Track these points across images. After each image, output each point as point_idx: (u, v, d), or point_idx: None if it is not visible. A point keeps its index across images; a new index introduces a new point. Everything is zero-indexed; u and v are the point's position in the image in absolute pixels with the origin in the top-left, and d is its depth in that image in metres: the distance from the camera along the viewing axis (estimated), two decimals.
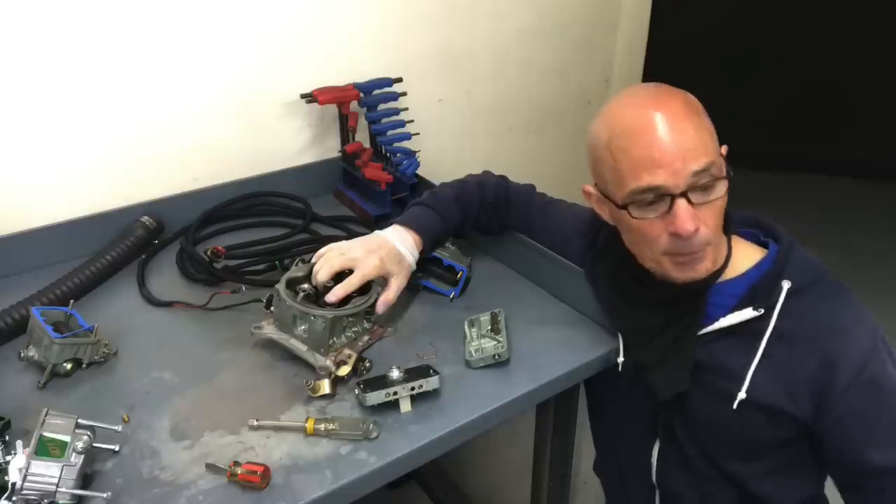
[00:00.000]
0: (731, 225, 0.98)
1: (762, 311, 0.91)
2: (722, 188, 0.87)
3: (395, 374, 0.90)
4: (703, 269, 0.91)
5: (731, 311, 0.93)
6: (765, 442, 0.97)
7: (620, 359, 1.03)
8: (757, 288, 0.93)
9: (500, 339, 1.00)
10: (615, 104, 0.91)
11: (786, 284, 0.91)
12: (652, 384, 0.99)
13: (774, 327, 0.91)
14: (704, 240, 0.87)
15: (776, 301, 0.91)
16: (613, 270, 1.04)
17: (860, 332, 0.89)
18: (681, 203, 0.84)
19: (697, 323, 0.96)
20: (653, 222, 0.87)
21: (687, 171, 0.83)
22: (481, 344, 1.00)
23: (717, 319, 0.95)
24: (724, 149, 0.91)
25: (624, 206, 0.89)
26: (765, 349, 0.92)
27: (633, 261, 0.97)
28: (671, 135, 0.83)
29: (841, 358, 0.88)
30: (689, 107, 0.87)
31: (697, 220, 0.84)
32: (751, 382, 0.93)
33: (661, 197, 0.85)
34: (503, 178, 1.26)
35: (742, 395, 0.93)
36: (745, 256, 0.97)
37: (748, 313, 0.92)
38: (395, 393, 0.88)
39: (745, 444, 0.99)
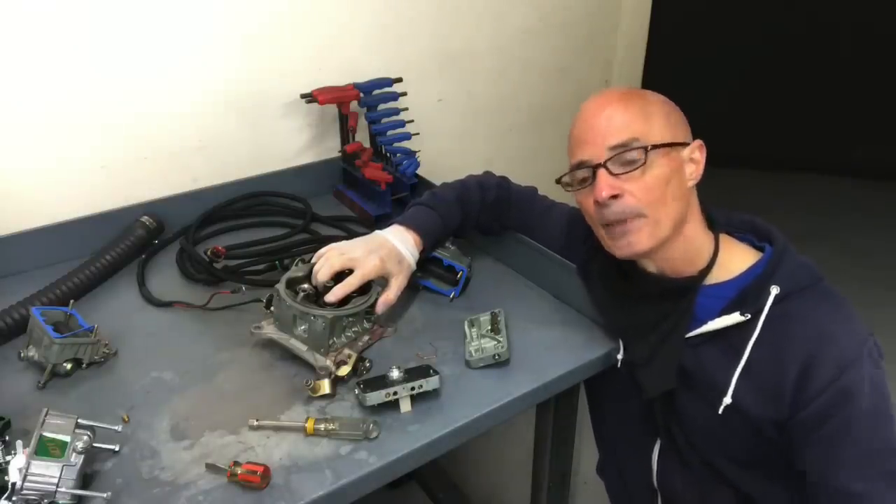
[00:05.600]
0: (720, 225, 0.99)
1: (749, 315, 0.90)
2: (656, 163, 0.91)
3: (395, 374, 0.90)
4: (638, 242, 0.93)
5: (720, 314, 0.93)
6: (758, 450, 0.96)
7: (620, 355, 1.03)
8: (746, 292, 0.92)
9: (500, 339, 1.00)
10: None
11: (774, 290, 0.90)
12: (640, 382, 1.00)
13: (760, 333, 0.90)
14: (629, 209, 0.91)
15: (763, 306, 0.90)
16: (603, 267, 1.05)
17: (846, 339, 0.86)
18: (599, 172, 0.92)
19: (686, 321, 0.96)
20: (586, 195, 0.96)
21: (605, 145, 0.92)
22: (481, 344, 1.00)
23: (705, 322, 0.94)
24: (697, 143, 0.97)
25: (559, 181, 1.00)
26: (750, 355, 0.91)
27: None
28: (596, 117, 0.94)
29: (819, 361, 0.85)
30: (630, 95, 0.95)
31: (616, 188, 0.91)
32: (736, 389, 0.92)
33: (589, 170, 0.94)
34: (504, 178, 1.26)
35: (727, 399, 0.92)
36: (738, 259, 0.96)
37: (735, 318, 0.91)
38: (395, 393, 0.88)
39: (738, 451, 0.98)
